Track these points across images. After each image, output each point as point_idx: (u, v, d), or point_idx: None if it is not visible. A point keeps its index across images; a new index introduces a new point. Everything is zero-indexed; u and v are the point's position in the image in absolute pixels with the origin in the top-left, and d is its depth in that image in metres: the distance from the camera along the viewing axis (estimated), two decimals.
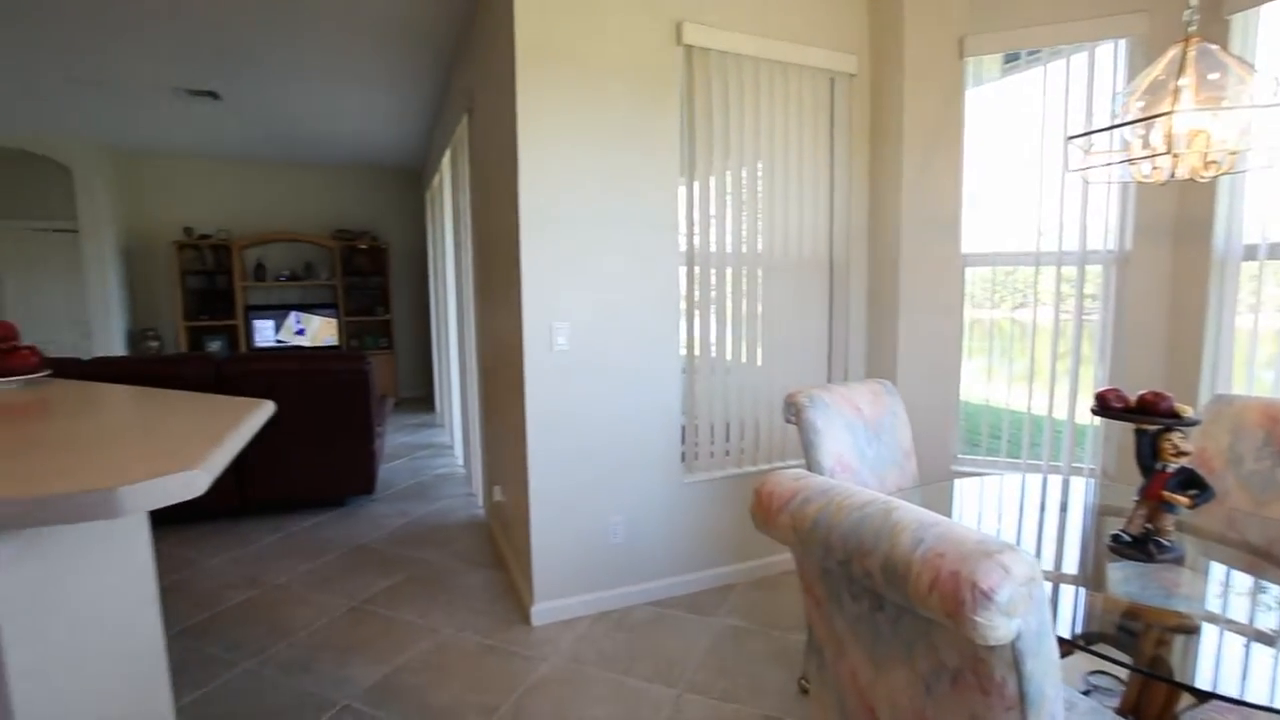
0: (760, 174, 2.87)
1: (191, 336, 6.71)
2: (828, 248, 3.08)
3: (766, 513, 1.03)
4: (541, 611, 2.59)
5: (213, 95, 4.58)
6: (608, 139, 2.52)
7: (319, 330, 7.11)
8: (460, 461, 4.94)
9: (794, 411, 1.96)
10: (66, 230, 6.15)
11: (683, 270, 2.75)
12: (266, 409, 1.33)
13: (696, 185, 2.73)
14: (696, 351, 2.83)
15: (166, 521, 3.66)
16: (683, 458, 2.81)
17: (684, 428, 2.82)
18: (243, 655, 2.40)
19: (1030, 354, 2.86)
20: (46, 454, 0.91)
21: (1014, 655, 0.74)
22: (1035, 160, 2.74)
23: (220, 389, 3.54)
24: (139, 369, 3.51)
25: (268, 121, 5.32)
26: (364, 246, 7.20)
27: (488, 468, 3.67)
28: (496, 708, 2.08)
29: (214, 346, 6.75)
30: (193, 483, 0.81)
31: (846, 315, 3.12)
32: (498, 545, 3.34)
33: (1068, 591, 1.40)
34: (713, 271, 2.82)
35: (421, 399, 7.69)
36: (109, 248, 6.11)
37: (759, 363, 2.96)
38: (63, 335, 6.26)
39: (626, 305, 2.62)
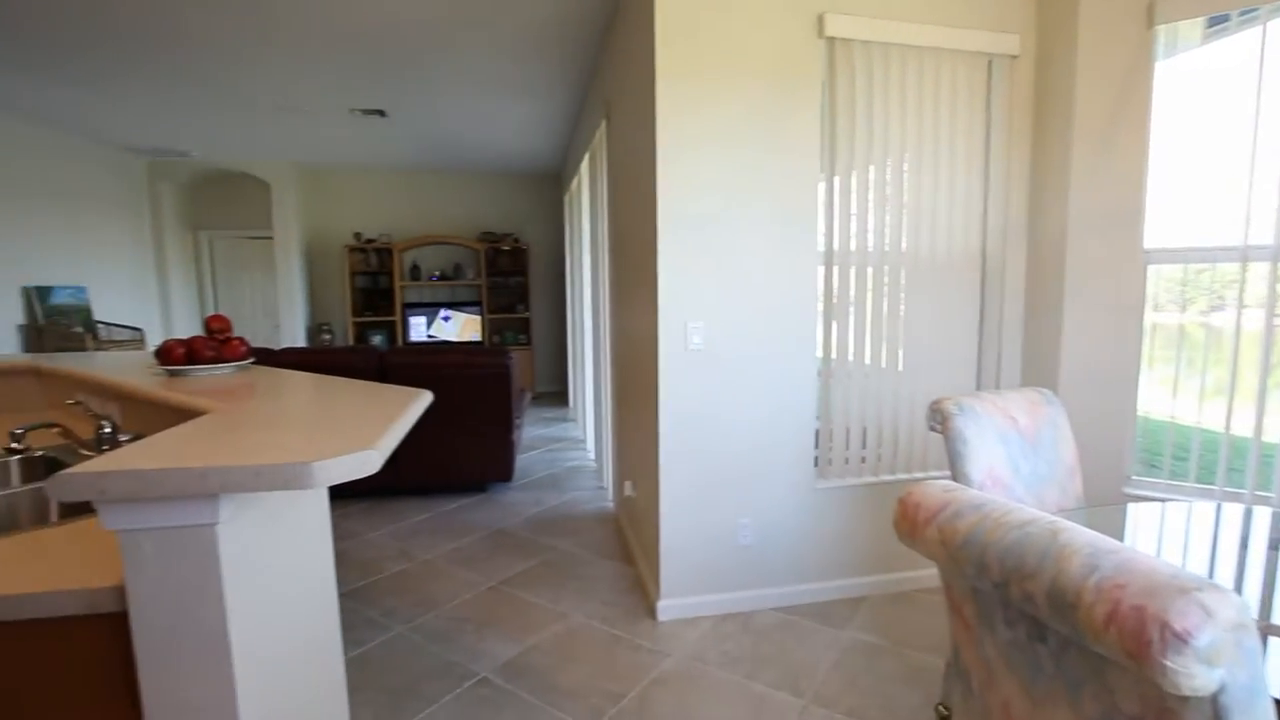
0: (906, 168, 2.71)
1: (358, 330, 7.50)
2: (979, 245, 2.85)
3: (912, 524, 0.98)
4: (667, 608, 2.62)
5: (380, 113, 5.09)
6: (746, 137, 2.49)
7: (464, 326, 7.67)
8: (592, 455, 5.12)
9: (940, 419, 1.83)
10: (263, 237, 7.16)
11: (821, 270, 2.66)
12: (426, 398, 1.45)
13: (837, 181, 2.63)
14: (834, 353, 2.72)
15: (334, 496, 4.11)
16: (815, 463, 2.72)
17: (818, 432, 2.74)
18: (396, 621, 2.65)
19: (1231, 364, 2.46)
20: (256, 430, 1.06)
21: (1215, 711, 0.64)
22: (1247, 139, 2.36)
23: (383, 378, 3.92)
24: (317, 358, 3.97)
25: (425, 133, 5.82)
26: (507, 248, 7.66)
27: (618, 462, 3.77)
28: (622, 695, 2.14)
29: (376, 340, 7.49)
30: (369, 461, 0.90)
31: (999, 317, 2.87)
32: (625, 539, 3.42)
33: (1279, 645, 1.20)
34: (852, 271, 2.71)
35: (557, 393, 8.06)
36: (295, 251, 7.00)
37: (900, 367, 2.80)
38: (258, 327, 7.31)
39: (763, 305, 2.58)
